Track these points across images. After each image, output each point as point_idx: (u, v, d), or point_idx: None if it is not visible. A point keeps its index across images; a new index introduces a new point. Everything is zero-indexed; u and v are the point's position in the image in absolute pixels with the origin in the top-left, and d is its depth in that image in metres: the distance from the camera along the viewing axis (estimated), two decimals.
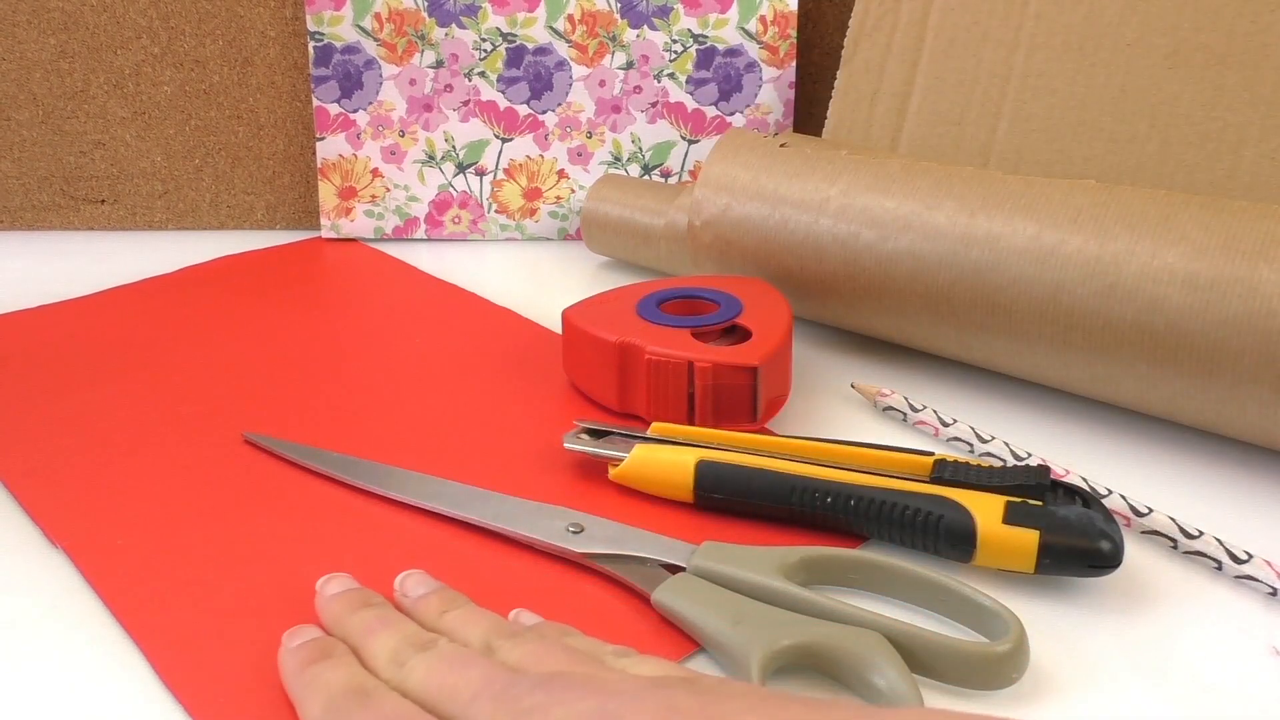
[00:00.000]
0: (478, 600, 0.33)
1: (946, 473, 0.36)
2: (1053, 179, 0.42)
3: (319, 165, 0.62)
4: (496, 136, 0.62)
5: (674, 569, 0.33)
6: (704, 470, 0.37)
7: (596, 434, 0.40)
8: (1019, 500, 0.34)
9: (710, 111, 0.62)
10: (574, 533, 0.35)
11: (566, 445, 0.39)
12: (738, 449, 0.38)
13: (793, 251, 0.47)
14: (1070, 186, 0.42)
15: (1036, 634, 0.32)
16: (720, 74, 0.62)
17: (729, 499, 0.37)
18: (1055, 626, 0.32)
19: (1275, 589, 0.34)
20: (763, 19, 0.61)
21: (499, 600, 0.33)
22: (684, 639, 0.32)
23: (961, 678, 0.30)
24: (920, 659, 0.30)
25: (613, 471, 0.38)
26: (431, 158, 0.62)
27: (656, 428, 0.40)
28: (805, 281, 0.47)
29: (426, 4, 0.60)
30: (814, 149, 0.49)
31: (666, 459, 0.38)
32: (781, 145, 0.49)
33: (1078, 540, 0.33)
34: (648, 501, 0.38)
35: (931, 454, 0.37)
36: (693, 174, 0.63)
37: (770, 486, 0.36)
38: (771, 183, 0.48)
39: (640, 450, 0.38)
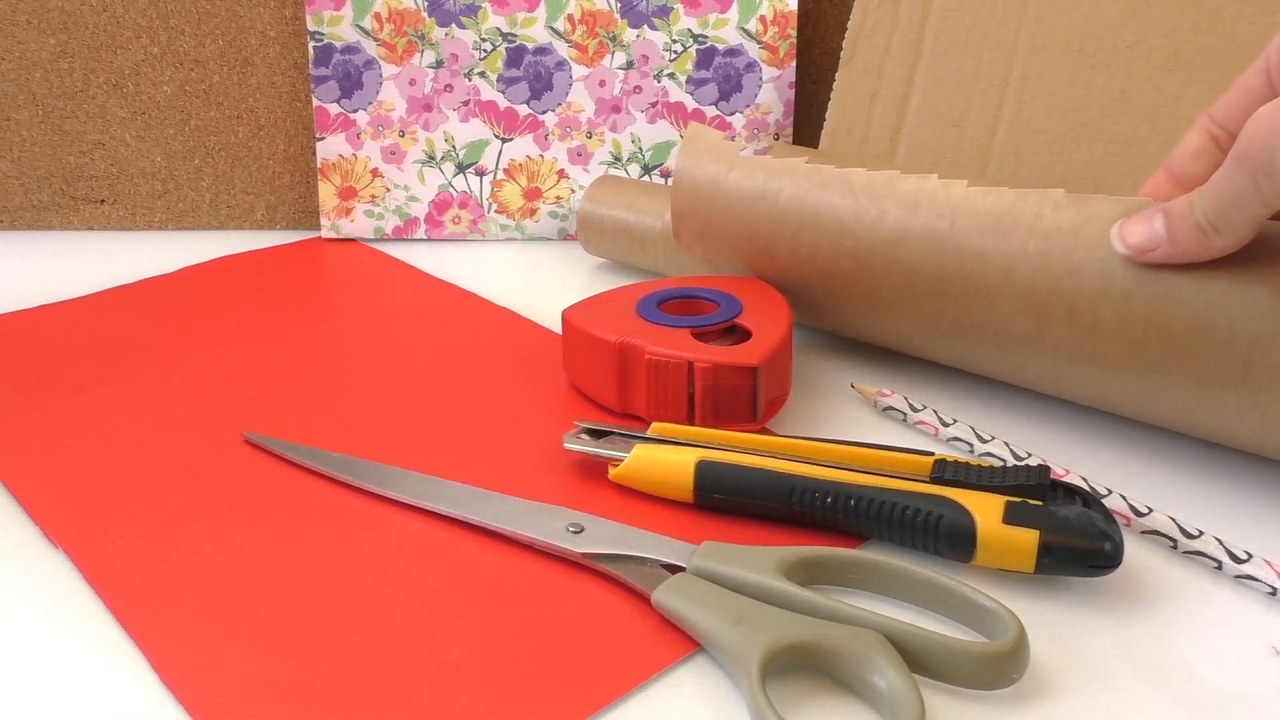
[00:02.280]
0: (477, 600, 0.33)
1: (946, 473, 0.36)
2: (1022, 190, 0.41)
3: (319, 165, 0.62)
4: (496, 136, 0.62)
5: (674, 569, 0.33)
6: (704, 470, 0.37)
7: (596, 434, 0.40)
8: (1019, 500, 0.34)
9: (710, 111, 0.62)
10: (574, 533, 0.35)
11: (566, 445, 0.39)
12: (738, 449, 0.38)
13: (777, 278, 0.47)
14: (1039, 205, 0.40)
15: (1036, 634, 0.32)
16: (720, 74, 0.62)
17: (729, 499, 0.37)
18: (1055, 626, 0.32)
19: (1275, 589, 0.34)
20: (763, 19, 0.61)
21: (499, 600, 0.33)
22: (684, 639, 0.32)
23: (961, 677, 0.30)
24: (920, 659, 0.30)
25: (613, 471, 0.38)
26: (431, 158, 0.62)
27: (656, 428, 0.40)
28: (797, 301, 0.47)
29: (426, 4, 0.60)
30: (775, 158, 0.47)
31: (666, 459, 0.38)
32: (740, 151, 0.48)
33: (1078, 540, 0.33)
34: (648, 501, 0.38)
35: (931, 454, 0.37)
36: None
37: (770, 486, 0.36)
38: (742, 212, 0.47)
39: (640, 450, 0.38)
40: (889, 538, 0.35)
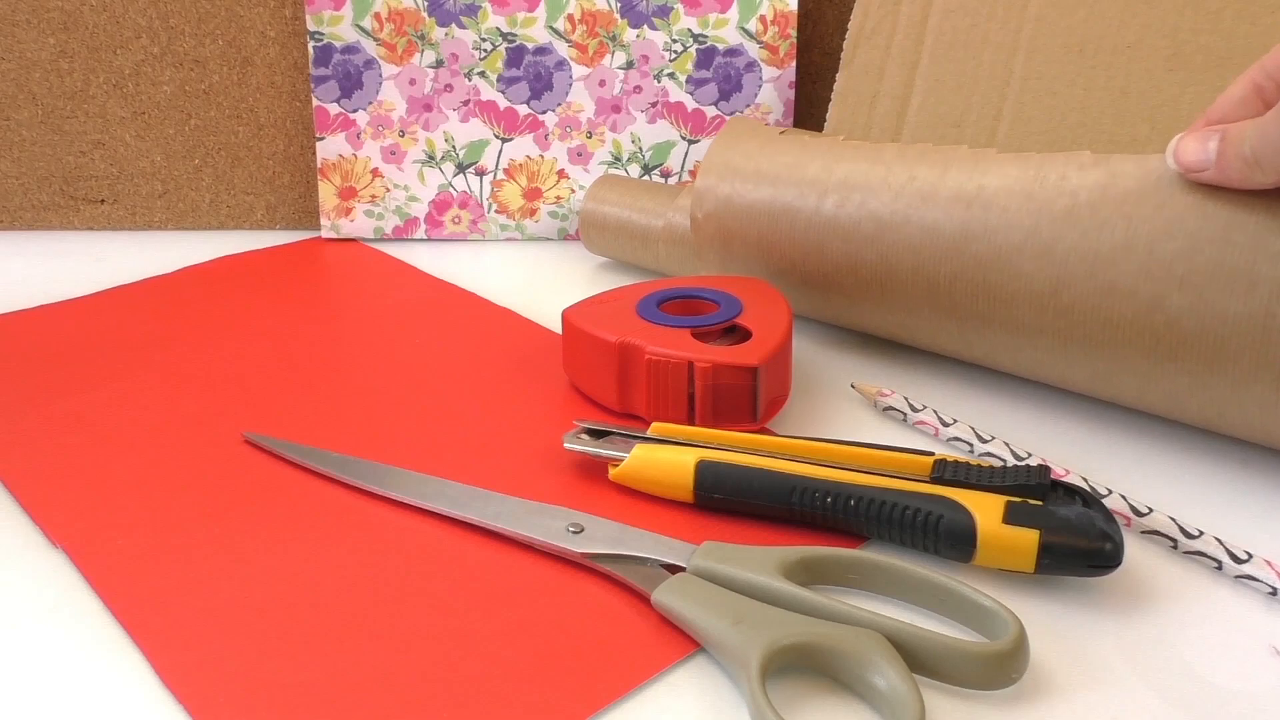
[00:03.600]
0: (477, 600, 0.33)
1: (946, 473, 0.36)
2: (1048, 154, 0.42)
3: (319, 165, 0.62)
4: (496, 136, 0.62)
5: (674, 569, 0.33)
6: (704, 470, 0.37)
7: (596, 434, 0.40)
8: (1019, 500, 0.34)
9: (710, 111, 0.62)
10: (574, 533, 0.35)
11: (566, 445, 0.39)
12: (738, 449, 0.38)
13: (796, 244, 0.47)
14: (1065, 166, 0.41)
15: (1036, 634, 0.32)
16: (720, 74, 0.62)
17: (729, 499, 0.37)
18: (1055, 626, 0.32)
19: (1275, 589, 0.34)
20: (763, 19, 0.61)
21: (498, 600, 0.33)
22: (684, 639, 0.32)
23: (961, 678, 0.30)
24: (920, 659, 0.30)
25: (613, 472, 0.38)
26: (431, 158, 0.62)
27: (656, 428, 0.40)
28: (808, 275, 0.47)
29: (426, 4, 0.60)
30: (811, 136, 0.49)
31: (666, 459, 0.38)
32: (780, 133, 0.49)
33: (1078, 540, 0.33)
34: (648, 501, 0.38)
35: (931, 454, 0.37)
36: (692, 174, 0.63)
37: (770, 486, 0.36)
38: (772, 171, 0.48)
39: (640, 450, 0.38)
40: (889, 538, 0.35)
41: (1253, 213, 0.37)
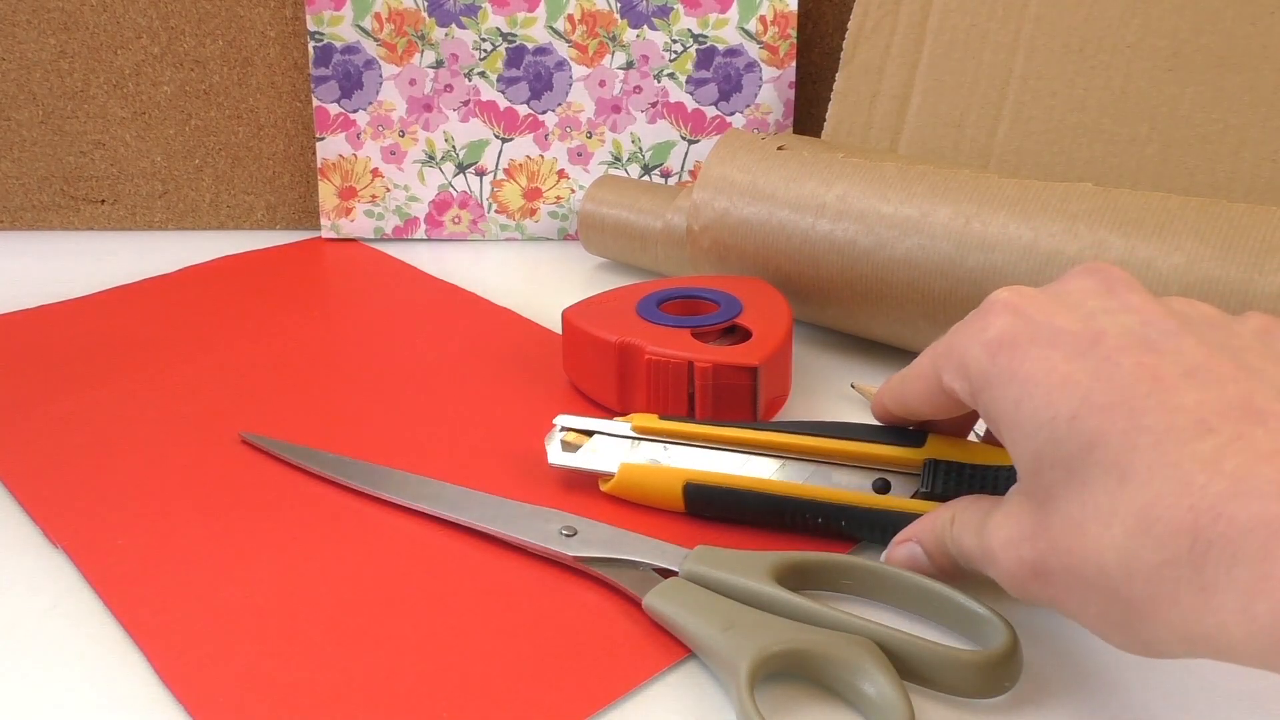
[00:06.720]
0: (470, 603, 0.33)
1: (939, 473, 0.35)
2: (1048, 183, 0.42)
3: (319, 165, 0.62)
4: (496, 136, 0.62)
5: (666, 573, 0.33)
6: (692, 491, 0.37)
7: (579, 432, 0.39)
8: None
9: (710, 111, 0.62)
10: (567, 536, 0.35)
11: (551, 461, 0.39)
12: (726, 447, 0.38)
13: (790, 257, 0.47)
14: (1066, 190, 0.42)
15: (1030, 641, 0.32)
16: (720, 74, 0.62)
17: (720, 513, 0.37)
18: (1049, 633, 0.32)
19: None
20: (763, 19, 0.61)
21: (491, 603, 0.33)
22: (675, 644, 0.32)
23: (953, 685, 0.29)
24: (911, 666, 0.29)
25: (604, 486, 0.38)
26: (431, 158, 0.62)
27: (638, 424, 0.39)
28: (803, 286, 0.47)
29: (426, 4, 0.60)
30: (811, 152, 0.49)
31: (654, 478, 0.37)
32: (779, 149, 0.49)
33: None
34: (643, 506, 0.38)
35: (924, 443, 0.36)
36: (693, 174, 0.63)
37: (759, 505, 0.36)
38: (769, 187, 0.48)
39: (626, 469, 0.38)
40: (881, 544, 0.35)
41: (1251, 232, 0.38)
